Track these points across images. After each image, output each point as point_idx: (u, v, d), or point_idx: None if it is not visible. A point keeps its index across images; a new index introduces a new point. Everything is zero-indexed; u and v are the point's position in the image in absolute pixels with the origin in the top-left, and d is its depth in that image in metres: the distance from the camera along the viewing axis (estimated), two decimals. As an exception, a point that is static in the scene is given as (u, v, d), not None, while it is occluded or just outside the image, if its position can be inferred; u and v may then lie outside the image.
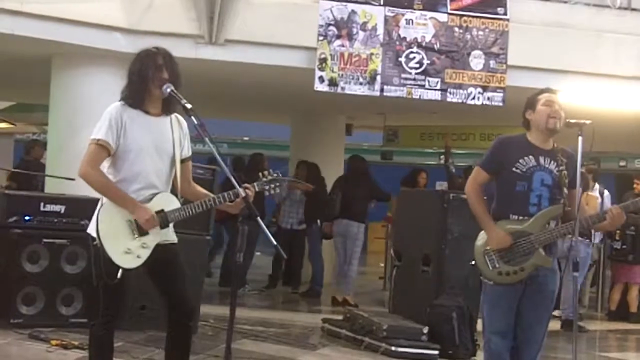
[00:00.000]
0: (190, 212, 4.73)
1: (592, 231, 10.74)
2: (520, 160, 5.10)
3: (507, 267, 5.08)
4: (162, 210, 4.67)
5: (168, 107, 4.74)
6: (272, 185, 4.84)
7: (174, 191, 4.81)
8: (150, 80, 4.66)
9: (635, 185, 11.58)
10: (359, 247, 11.57)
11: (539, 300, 5.14)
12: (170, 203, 4.72)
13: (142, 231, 4.63)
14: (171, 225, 4.77)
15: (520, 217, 5.09)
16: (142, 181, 4.68)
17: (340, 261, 11.57)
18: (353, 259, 11.41)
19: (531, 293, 5.12)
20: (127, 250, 4.61)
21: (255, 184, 4.79)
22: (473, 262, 5.23)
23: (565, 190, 5.06)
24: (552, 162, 5.11)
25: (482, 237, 5.21)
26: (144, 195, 4.68)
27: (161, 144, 4.72)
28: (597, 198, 10.66)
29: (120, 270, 4.59)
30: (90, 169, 4.64)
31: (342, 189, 11.51)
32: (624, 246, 11.44)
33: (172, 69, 4.71)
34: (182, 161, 4.82)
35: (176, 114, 4.79)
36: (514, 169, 5.10)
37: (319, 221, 12.21)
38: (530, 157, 5.12)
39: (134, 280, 4.76)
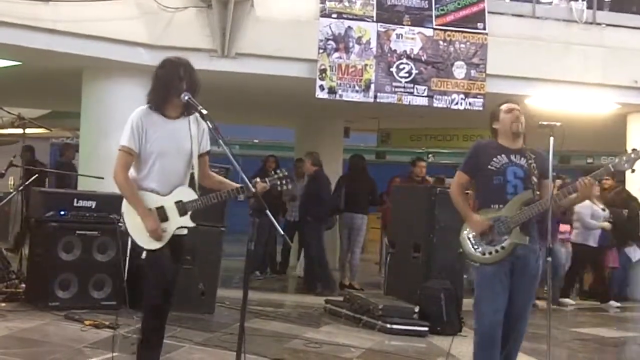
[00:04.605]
0: (206, 203, 4.74)
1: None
2: (494, 159, 5.18)
3: (490, 247, 5.11)
4: (181, 201, 4.70)
5: (187, 110, 4.72)
6: (283, 182, 4.82)
7: (192, 184, 4.79)
8: (171, 89, 4.65)
9: (604, 181, 11.52)
10: (362, 237, 11.52)
11: (524, 280, 5.14)
12: (187, 195, 4.73)
13: (162, 218, 4.66)
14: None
15: (500, 206, 5.12)
16: (161, 179, 4.68)
17: (344, 250, 11.51)
18: (356, 248, 11.33)
19: (517, 275, 5.12)
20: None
21: (267, 179, 4.78)
22: (460, 250, 5.25)
23: (535, 179, 5.11)
24: (522, 158, 5.19)
25: (465, 227, 5.24)
26: (164, 190, 4.68)
27: (179, 144, 4.71)
28: None
29: (145, 252, 4.64)
30: (120, 173, 4.67)
31: (345, 185, 11.37)
32: None
33: (191, 79, 4.70)
34: (201, 155, 4.81)
35: (196, 114, 4.74)
36: (489, 166, 5.17)
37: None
38: (503, 155, 5.19)
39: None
